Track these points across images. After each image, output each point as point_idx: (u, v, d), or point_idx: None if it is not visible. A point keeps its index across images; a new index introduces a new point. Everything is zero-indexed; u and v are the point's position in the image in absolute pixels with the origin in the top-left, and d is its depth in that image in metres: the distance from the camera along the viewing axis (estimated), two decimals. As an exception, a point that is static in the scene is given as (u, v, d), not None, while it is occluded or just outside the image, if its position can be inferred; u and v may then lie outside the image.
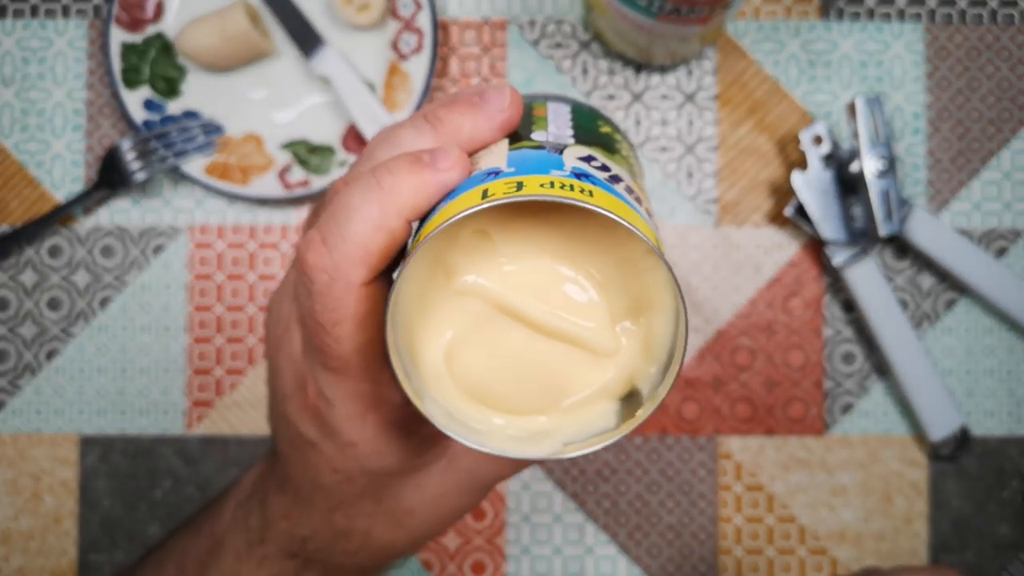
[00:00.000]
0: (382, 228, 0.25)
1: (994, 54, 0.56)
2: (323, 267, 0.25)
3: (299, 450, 0.30)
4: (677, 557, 0.55)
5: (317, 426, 0.29)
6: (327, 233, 0.25)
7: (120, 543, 0.55)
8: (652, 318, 0.26)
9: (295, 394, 0.30)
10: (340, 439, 0.29)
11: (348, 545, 0.32)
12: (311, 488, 0.31)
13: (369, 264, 0.25)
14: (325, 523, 0.31)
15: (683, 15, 0.45)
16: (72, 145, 0.56)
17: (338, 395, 0.28)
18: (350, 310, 0.26)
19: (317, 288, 0.26)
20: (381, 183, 0.25)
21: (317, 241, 0.26)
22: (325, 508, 0.31)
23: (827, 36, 0.56)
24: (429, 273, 0.26)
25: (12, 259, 0.55)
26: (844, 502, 0.55)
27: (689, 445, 0.55)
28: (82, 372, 0.55)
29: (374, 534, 0.31)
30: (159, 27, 0.54)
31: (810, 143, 0.53)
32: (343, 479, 0.30)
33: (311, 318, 0.26)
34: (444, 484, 0.31)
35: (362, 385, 0.27)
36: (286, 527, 0.32)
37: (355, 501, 0.31)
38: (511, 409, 0.27)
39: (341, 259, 0.25)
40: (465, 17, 0.56)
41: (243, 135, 0.55)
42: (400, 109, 0.53)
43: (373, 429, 0.28)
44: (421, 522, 0.31)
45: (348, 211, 0.25)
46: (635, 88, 0.56)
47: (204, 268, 0.55)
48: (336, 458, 0.29)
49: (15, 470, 0.55)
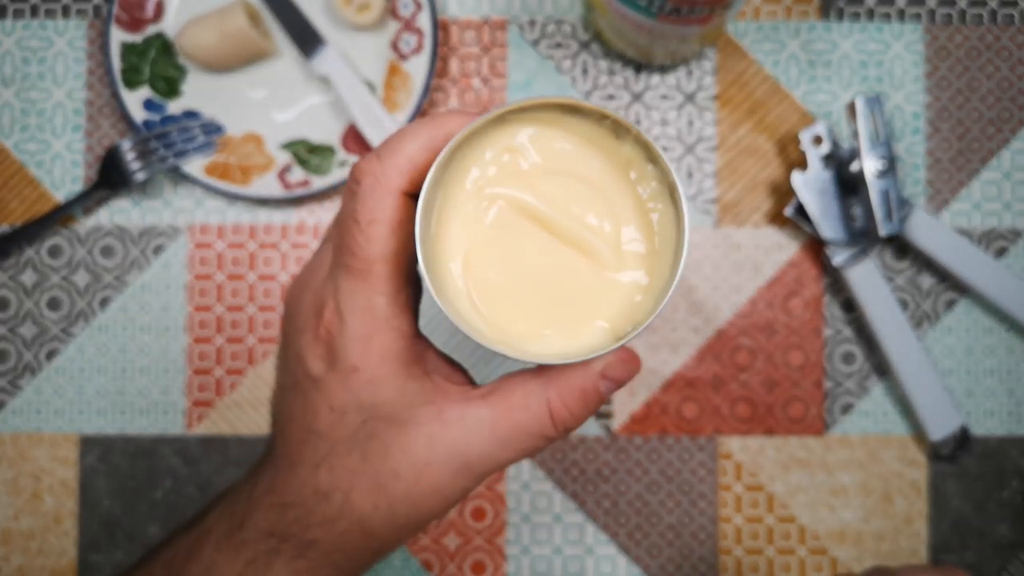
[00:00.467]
0: (427, 147, 0.30)
1: (994, 54, 0.56)
2: (372, 171, 0.30)
3: (301, 392, 0.32)
4: (677, 557, 0.55)
5: (325, 354, 0.31)
6: (381, 148, 0.30)
7: (120, 543, 0.55)
8: (654, 243, 0.30)
9: (309, 324, 0.32)
10: (344, 363, 0.31)
11: (327, 510, 0.32)
12: (304, 437, 0.32)
13: (411, 175, 0.30)
14: (308, 482, 0.32)
15: (683, 15, 0.45)
16: (72, 145, 0.56)
17: (352, 307, 0.30)
18: (387, 213, 0.30)
19: (363, 188, 0.30)
20: (435, 117, 0.30)
21: (372, 154, 0.30)
22: (312, 463, 0.32)
23: (827, 36, 0.56)
24: (458, 181, 0.30)
25: (12, 259, 0.55)
26: (844, 502, 0.55)
27: (689, 445, 0.55)
28: (82, 372, 0.55)
29: (353, 497, 0.31)
30: (159, 27, 0.54)
31: (810, 143, 0.53)
32: (337, 418, 0.31)
33: (350, 217, 0.30)
34: (431, 452, 0.31)
35: (377, 298, 0.30)
36: (269, 500, 0.33)
37: (343, 452, 0.31)
38: (517, 318, 0.30)
39: (389, 166, 0.30)
40: (465, 17, 0.56)
41: (243, 135, 0.55)
42: (400, 109, 0.53)
43: (377, 355, 0.31)
44: (402, 492, 0.31)
45: (403, 132, 0.30)
46: (635, 88, 0.56)
47: (204, 268, 0.55)
48: (336, 391, 0.31)
49: (15, 470, 0.55)
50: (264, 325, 0.55)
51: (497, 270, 0.30)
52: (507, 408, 0.31)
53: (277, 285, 0.55)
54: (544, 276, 0.30)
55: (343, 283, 0.31)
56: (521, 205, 0.30)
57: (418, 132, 0.30)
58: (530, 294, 0.30)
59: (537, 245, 0.30)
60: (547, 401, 0.31)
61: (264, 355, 0.55)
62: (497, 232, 0.30)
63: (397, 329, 0.31)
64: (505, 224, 0.30)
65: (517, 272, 0.30)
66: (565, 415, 0.32)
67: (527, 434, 0.31)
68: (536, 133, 0.30)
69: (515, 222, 0.30)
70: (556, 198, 0.30)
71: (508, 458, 0.32)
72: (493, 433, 0.31)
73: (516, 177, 0.30)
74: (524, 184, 0.30)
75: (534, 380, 0.32)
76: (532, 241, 0.30)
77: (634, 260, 0.30)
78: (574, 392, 0.32)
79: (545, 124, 0.30)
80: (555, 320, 0.30)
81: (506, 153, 0.30)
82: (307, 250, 0.55)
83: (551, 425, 0.32)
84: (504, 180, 0.30)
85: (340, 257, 0.31)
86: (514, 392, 0.31)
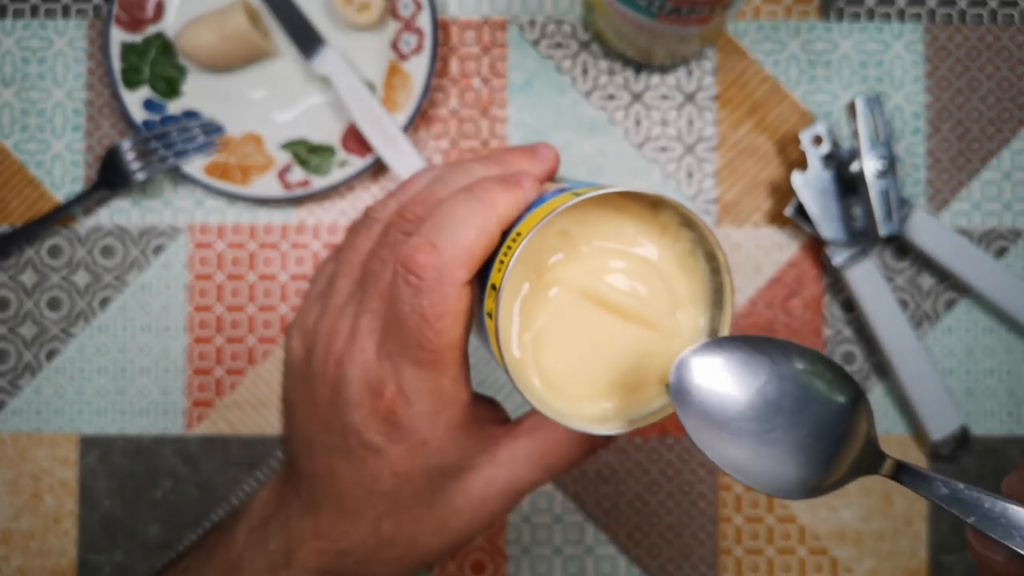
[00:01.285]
0: (484, 233, 0.30)
1: (994, 54, 0.56)
2: (434, 266, 0.30)
3: (358, 459, 0.33)
4: (677, 557, 0.55)
5: (387, 429, 0.32)
6: (437, 238, 0.30)
7: (120, 543, 0.55)
8: (704, 305, 0.31)
9: (364, 400, 0.32)
10: (413, 438, 0.32)
11: (391, 553, 0.34)
12: (364, 497, 0.33)
13: (471, 266, 0.30)
14: (372, 533, 0.34)
15: (683, 15, 0.45)
16: (72, 145, 0.56)
17: (420, 392, 0.31)
18: (452, 305, 0.30)
19: (427, 284, 0.30)
20: (482, 198, 0.30)
21: (427, 245, 0.30)
22: (374, 517, 0.34)
23: (827, 36, 0.56)
24: (522, 272, 0.30)
25: (12, 259, 0.55)
26: (844, 502, 0.55)
27: (689, 445, 0.55)
28: (82, 372, 0.55)
29: (420, 540, 0.34)
30: (159, 27, 0.54)
31: (810, 143, 0.53)
32: (402, 481, 0.33)
33: (417, 313, 0.30)
34: (488, 489, 0.34)
35: (443, 380, 0.31)
36: (319, 546, 0.34)
37: (409, 506, 0.34)
38: (583, 395, 0.31)
39: (450, 259, 0.30)
40: (465, 17, 0.56)
41: (243, 135, 0.55)
42: (400, 109, 0.53)
43: (444, 426, 0.32)
44: (463, 526, 0.34)
45: (455, 220, 0.30)
46: (635, 88, 0.56)
47: (204, 268, 0.55)
48: (401, 460, 0.33)
49: (15, 470, 0.55)
50: (264, 325, 0.55)
51: (562, 351, 0.31)
52: (554, 442, 0.34)
53: (277, 285, 0.55)
54: (602, 345, 0.31)
55: (409, 371, 0.31)
56: (581, 287, 0.31)
57: (471, 219, 0.30)
58: (596, 370, 0.31)
59: (598, 323, 0.31)
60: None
61: (264, 355, 0.55)
62: (559, 315, 0.31)
63: (460, 402, 0.33)
64: (566, 306, 0.31)
65: (582, 352, 0.31)
66: (604, 441, 0.35)
67: (571, 462, 0.35)
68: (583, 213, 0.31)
69: (575, 303, 0.31)
70: (610, 275, 0.31)
71: (549, 480, 0.35)
72: (540, 464, 0.35)
73: (574, 261, 0.31)
74: (582, 266, 0.31)
75: None
76: (593, 320, 0.31)
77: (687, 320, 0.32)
78: None
79: (604, 207, 0.31)
80: (616, 383, 0.31)
81: (560, 236, 0.31)
82: (307, 250, 0.55)
83: (592, 451, 0.35)
84: (561, 265, 0.31)
85: (406, 350, 0.31)
86: (558, 427, 0.34)
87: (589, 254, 0.31)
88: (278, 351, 0.55)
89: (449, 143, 0.55)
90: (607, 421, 0.31)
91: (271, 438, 0.55)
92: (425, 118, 0.56)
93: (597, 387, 0.31)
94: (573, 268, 0.31)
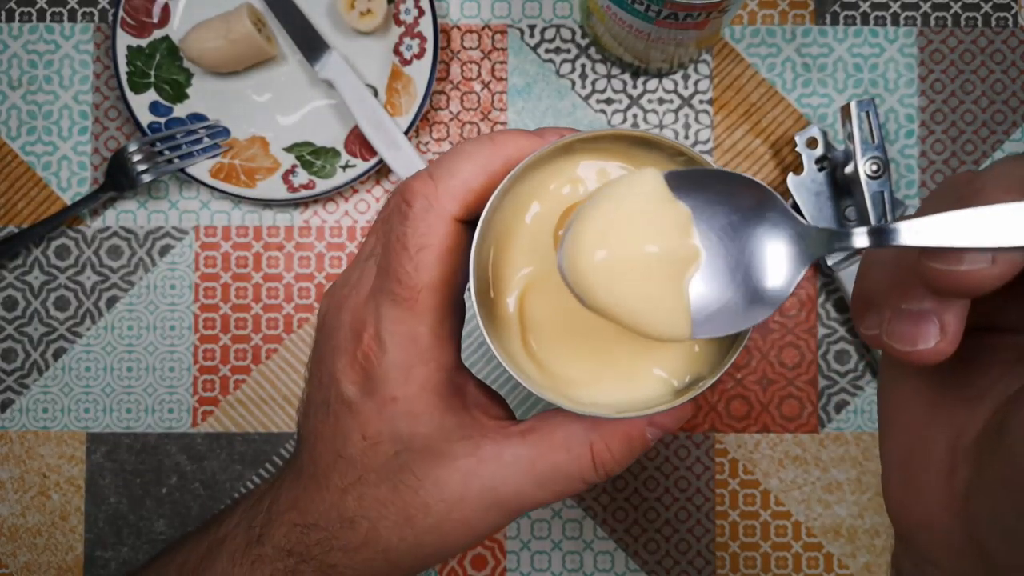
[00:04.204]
0: (485, 170, 0.28)
1: (987, 57, 0.56)
2: (425, 193, 0.28)
3: (333, 415, 0.31)
4: (674, 552, 0.56)
5: (361, 380, 0.30)
6: (435, 168, 0.28)
7: (126, 539, 0.55)
8: None
9: (347, 346, 0.30)
10: (381, 392, 0.30)
11: (351, 537, 0.31)
12: (333, 461, 0.31)
13: (466, 200, 0.28)
14: (334, 506, 0.31)
15: (680, 20, 0.46)
16: (79, 147, 0.56)
17: (394, 336, 0.29)
18: (437, 239, 0.28)
19: (414, 211, 0.28)
20: (493, 138, 0.29)
21: (424, 173, 0.29)
22: (340, 487, 0.31)
23: (822, 40, 0.56)
24: (516, 214, 0.28)
25: (20, 260, 0.56)
26: (838, 498, 0.55)
27: (686, 442, 0.56)
28: (89, 371, 0.56)
29: (380, 527, 0.31)
30: (165, 31, 0.55)
31: (805, 146, 0.53)
32: (369, 446, 0.30)
33: (398, 242, 0.28)
34: (465, 488, 0.30)
35: (421, 328, 0.29)
36: (291, 518, 0.32)
37: (373, 481, 0.30)
38: (569, 363, 0.28)
39: (443, 189, 0.28)
40: (466, 22, 0.57)
41: (248, 138, 0.55)
42: (402, 113, 0.54)
43: (416, 385, 0.29)
44: (431, 526, 0.30)
45: (459, 152, 0.29)
46: (632, 92, 0.56)
47: (210, 269, 0.56)
48: (371, 419, 0.30)
49: (23, 467, 0.56)
50: (269, 325, 0.56)
51: (553, 310, 0.28)
52: (547, 448, 0.30)
53: (282, 286, 0.56)
54: (600, 320, 0.27)
55: (386, 309, 0.29)
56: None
57: (475, 154, 0.28)
58: (586, 338, 0.29)
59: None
60: (590, 444, 0.30)
61: (268, 354, 0.56)
62: (556, 271, 0.28)
63: (438, 360, 0.30)
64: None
65: (573, 314, 0.28)
66: (608, 459, 0.30)
67: (566, 476, 0.30)
68: (603, 167, 0.28)
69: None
70: None
71: (543, 499, 0.30)
72: (530, 472, 0.30)
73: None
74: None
75: (577, 421, 0.30)
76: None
77: None
78: (618, 436, 0.30)
79: (613, 156, 0.28)
80: (610, 365, 0.29)
81: (568, 184, 0.28)
82: (311, 251, 0.56)
83: (592, 469, 0.30)
84: (566, 217, 0.28)
85: (385, 282, 0.29)
86: (555, 432, 0.30)
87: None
88: (283, 350, 0.56)
89: (450, 146, 0.56)
90: (599, 397, 0.28)
91: (276, 435, 0.56)
92: (427, 121, 0.56)
93: (588, 356, 0.29)
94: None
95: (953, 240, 0.20)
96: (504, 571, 0.55)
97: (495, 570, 0.55)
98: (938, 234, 0.20)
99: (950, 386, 0.25)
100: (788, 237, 0.24)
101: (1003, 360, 0.24)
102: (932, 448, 0.24)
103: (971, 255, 0.20)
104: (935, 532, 0.24)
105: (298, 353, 0.56)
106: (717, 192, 0.24)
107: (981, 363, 0.24)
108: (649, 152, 0.28)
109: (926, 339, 0.22)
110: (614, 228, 0.24)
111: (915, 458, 0.25)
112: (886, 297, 0.23)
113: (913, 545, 0.26)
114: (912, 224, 0.21)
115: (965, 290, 0.21)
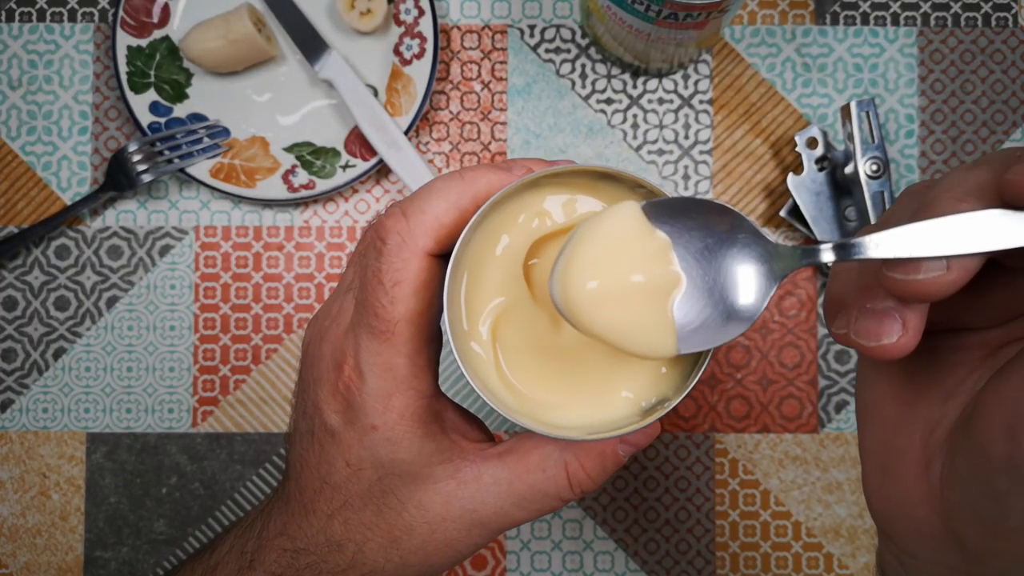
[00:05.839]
0: (456, 206, 0.29)
1: (987, 57, 0.56)
2: (398, 230, 0.29)
3: (318, 443, 0.32)
4: (674, 552, 0.56)
5: (343, 409, 0.31)
6: (407, 205, 0.30)
7: (126, 539, 0.56)
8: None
9: (329, 376, 0.31)
10: (362, 421, 0.31)
11: (339, 560, 0.32)
12: (319, 488, 0.32)
13: (438, 236, 0.29)
14: (321, 531, 0.32)
15: (680, 20, 0.46)
16: (79, 147, 0.56)
17: (373, 367, 0.30)
18: (411, 273, 0.29)
19: (388, 248, 0.29)
20: (463, 175, 0.30)
21: (397, 211, 0.30)
22: (326, 513, 0.32)
23: (822, 40, 0.56)
24: (488, 247, 0.29)
25: (20, 259, 0.56)
26: (838, 498, 0.55)
27: (686, 442, 0.56)
28: (89, 371, 0.56)
29: (367, 550, 0.32)
30: (165, 31, 0.55)
31: (805, 146, 0.53)
32: (353, 472, 0.31)
33: (374, 277, 0.30)
34: (447, 509, 0.31)
35: (398, 359, 0.30)
36: (280, 543, 0.33)
37: (358, 506, 0.32)
38: (541, 388, 0.30)
39: (416, 225, 0.29)
40: (466, 22, 0.57)
41: (248, 138, 0.55)
42: (402, 113, 0.54)
43: (396, 413, 0.31)
44: (416, 547, 0.32)
45: (430, 189, 0.30)
46: (633, 92, 0.56)
47: (210, 269, 0.56)
48: (353, 447, 0.31)
49: (23, 467, 0.56)
50: (269, 325, 0.56)
51: (525, 337, 0.30)
52: (524, 469, 0.31)
53: (282, 286, 0.56)
54: (570, 346, 0.30)
55: (364, 341, 0.30)
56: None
57: (445, 190, 0.30)
58: (558, 363, 0.30)
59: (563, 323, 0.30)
60: (565, 464, 0.32)
61: (268, 354, 0.56)
62: (526, 300, 0.30)
63: (416, 389, 0.31)
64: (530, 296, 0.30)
65: (545, 341, 0.30)
66: (583, 477, 0.32)
67: (543, 495, 0.32)
68: (568, 200, 0.30)
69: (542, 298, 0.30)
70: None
71: (523, 517, 0.32)
72: (509, 493, 0.32)
73: (547, 246, 0.30)
74: (554, 254, 0.29)
75: (552, 442, 0.32)
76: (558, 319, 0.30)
77: None
78: (592, 455, 0.32)
79: (577, 190, 0.30)
80: (581, 389, 0.30)
81: (536, 218, 0.30)
82: (311, 251, 0.56)
83: (568, 487, 0.32)
84: (535, 249, 0.30)
85: (363, 316, 0.30)
86: (531, 453, 0.32)
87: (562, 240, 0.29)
88: (283, 350, 0.56)
89: (450, 146, 0.56)
90: (570, 420, 0.30)
91: (275, 435, 0.56)
92: (427, 121, 0.56)
93: (558, 381, 0.30)
94: (542, 254, 0.30)
95: (910, 251, 0.22)
96: (504, 571, 0.55)
97: (495, 570, 0.55)
98: (896, 246, 0.22)
99: (923, 384, 0.26)
100: (759, 256, 0.26)
101: (970, 359, 0.26)
102: (908, 444, 0.26)
103: (927, 264, 0.22)
104: (913, 523, 0.26)
105: (298, 353, 0.56)
106: (692, 219, 0.27)
107: (950, 362, 0.26)
108: (611, 185, 0.30)
109: (889, 334, 0.23)
110: (601, 261, 0.26)
111: (892, 454, 0.27)
112: (854, 299, 0.25)
113: (894, 538, 0.27)
114: (873, 238, 0.23)
115: (924, 296, 0.22)
